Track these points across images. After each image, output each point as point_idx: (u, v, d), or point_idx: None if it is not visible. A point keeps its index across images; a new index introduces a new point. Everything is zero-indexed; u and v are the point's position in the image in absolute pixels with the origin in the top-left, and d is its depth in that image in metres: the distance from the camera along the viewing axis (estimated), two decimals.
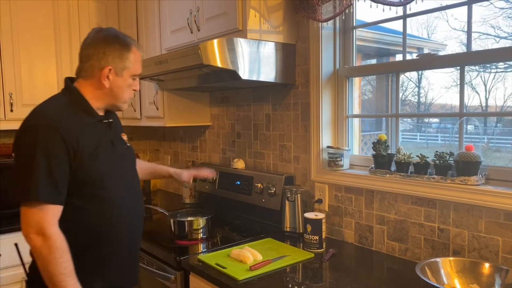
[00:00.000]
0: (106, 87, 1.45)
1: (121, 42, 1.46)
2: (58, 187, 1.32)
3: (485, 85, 1.81)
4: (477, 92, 1.83)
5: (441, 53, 1.80)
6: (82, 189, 1.38)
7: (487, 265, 1.42)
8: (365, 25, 2.05)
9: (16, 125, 3.01)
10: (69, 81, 1.50)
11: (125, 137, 1.62)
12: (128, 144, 1.63)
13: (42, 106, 1.44)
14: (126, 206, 1.51)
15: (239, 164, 2.52)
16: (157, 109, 2.65)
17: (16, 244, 1.85)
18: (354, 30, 2.04)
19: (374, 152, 1.85)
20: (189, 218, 2.07)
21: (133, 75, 1.49)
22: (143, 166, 1.91)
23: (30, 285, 1.46)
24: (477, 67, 1.77)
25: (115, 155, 1.49)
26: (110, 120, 1.52)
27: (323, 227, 1.85)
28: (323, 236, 1.85)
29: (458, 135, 1.67)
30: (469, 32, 1.61)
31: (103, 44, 1.45)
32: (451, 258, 1.47)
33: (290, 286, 1.48)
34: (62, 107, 1.41)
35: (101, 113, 1.50)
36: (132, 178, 1.59)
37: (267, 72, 2.06)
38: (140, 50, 1.52)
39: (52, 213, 1.32)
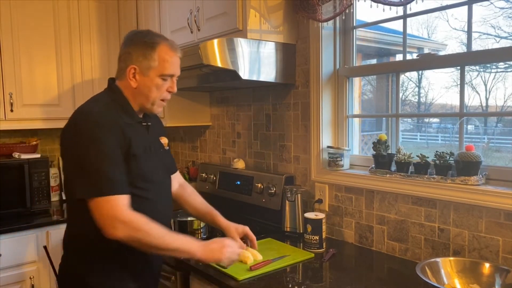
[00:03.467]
0: (133, 87, 1.43)
1: (147, 41, 1.42)
2: (122, 177, 1.33)
3: (485, 85, 1.80)
4: (477, 92, 1.83)
5: (441, 53, 1.79)
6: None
7: (487, 265, 1.42)
8: (365, 25, 2.05)
9: (16, 125, 3.02)
10: (112, 81, 1.50)
11: (164, 140, 1.61)
12: (167, 148, 1.62)
13: (85, 106, 1.43)
14: (158, 209, 1.49)
15: (239, 164, 2.52)
16: None
17: (45, 247, 1.85)
18: (354, 30, 2.04)
19: (374, 152, 1.85)
20: (189, 218, 2.06)
21: (161, 75, 1.43)
22: (198, 201, 1.76)
23: (61, 285, 1.50)
24: (477, 67, 1.77)
25: (152, 158, 1.48)
26: (149, 124, 1.51)
27: (323, 227, 1.85)
28: (323, 236, 1.85)
29: (458, 135, 1.67)
30: (469, 32, 1.61)
31: (129, 43, 1.44)
32: (451, 258, 1.47)
33: (290, 286, 1.47)
34: (104, 106, 1.41)
35: (139, 115, 1.50)
36: (165, 183, 1.58)
37: (267, 72, 2.06)
38: (174, 51, 1.45)
39: (124, 201, 1.31)
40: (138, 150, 1.40)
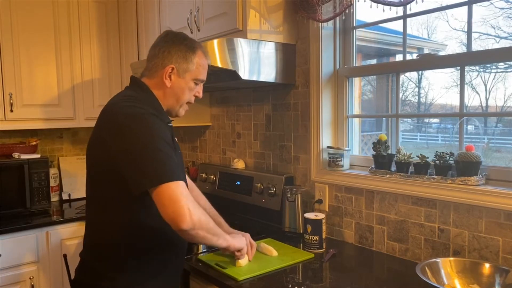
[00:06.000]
0: (167, 86, 1.44)
1: (188, 44, 1.46)
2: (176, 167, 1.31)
3: (485, 85, 1.80)
4: (477, 92, 1.83)
5: (441, 53, 1.79)
6: None
7: (487, 265, 1.41)
8: (365, 25, 2.05)
9: (16, 126, 3.02)
10: (136, 79, 1.48)
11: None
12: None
13: (126, 102, 1.37)
14: None
15: (239, 164, 2.52)
16: None
17: (64, 255, 1.81)
18: (354, 30, 2.04)
19: (374, 152, 1.85)
20: None
21: (195, 79, 1.48)
22: (206, 206, 1.77)
23: None
24: (477, 67, 1.77)
25: (178, 157, 1.47)
26: (171, 125, 1.50)
27: (323, 227, 1.85)
28: (323, 237, 1.85)
29: (458, 135, 1.67)
30: (469, 32, 1.61)
31: (169, 43, 1.45)
32: (451, 259, 1.47)
33: (290, 286, 1.47)
34: (142, 104, 1.38)
35: None
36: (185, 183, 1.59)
37: (267, 72, 2.06)
38: (207, 58, 1.51)
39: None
40: (175, 147, 1.40)
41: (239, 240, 1.59)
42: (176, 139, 1.62)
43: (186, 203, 1.21)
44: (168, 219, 1.21)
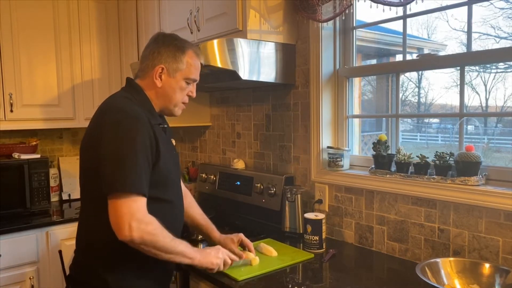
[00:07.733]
0: (158, 86, 1.46)
1: (178, 44, 1.48)
2: (147, 181, 1.32)
3: (485, 86, 1.81)
4: (477, 92, 1.83)
5: (441, 53, 1.80)
6: (150, 190, 1.34)
7: (487, 265, 1.41)
8: (365, 25, 2.05)
9: (16, 126, 3.01)
10: (131, 80, 1.51)
11: (174, 142, 1.62)
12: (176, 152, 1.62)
13: (119, 103, 1.41)
14: (177, 211, 1.51)
15: (239, 164, 2.52)
16: None
17: (60, 251, 1.80)
18: (354, 30, 2.04)
19: (374, 153, 1.85)
20: None
21: (186, 78, 1.49)
22: (197, 212, 1.77)
23: None
24: (477, 67, 1.77)
25: (171, 159, 1.48)
26: (165, 126, 1.52)
27: (323, 227, 1.85)
28: (323, 237, 1.85)
29: (458, 136, 1.67)
30: (469, 32, 1.61)
31: (159, 44, 1.47)
32: (451, 259, 1.47)
33: (290, 286, 1.47)
34: (135, 106, 1.41)
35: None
36: (180, 185, 1.59)
37: (267, 72, 2.06)
38: (199, 57, 1.52)
39: (145, 203, 1.31)
40: (163, 150, 1.40)
41: (210, 258, 1.48)
42: (174, 141, 1.62)
43: (128, 220, 1.24)
44: (112, 226, 1.27)
